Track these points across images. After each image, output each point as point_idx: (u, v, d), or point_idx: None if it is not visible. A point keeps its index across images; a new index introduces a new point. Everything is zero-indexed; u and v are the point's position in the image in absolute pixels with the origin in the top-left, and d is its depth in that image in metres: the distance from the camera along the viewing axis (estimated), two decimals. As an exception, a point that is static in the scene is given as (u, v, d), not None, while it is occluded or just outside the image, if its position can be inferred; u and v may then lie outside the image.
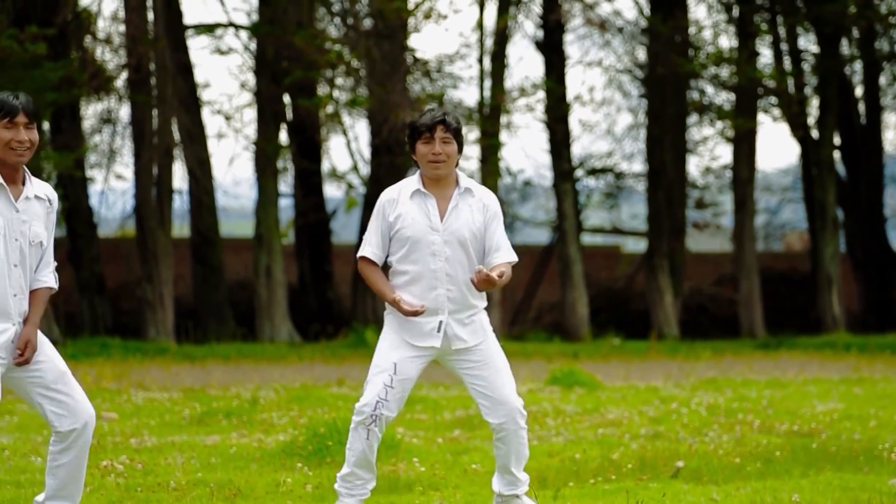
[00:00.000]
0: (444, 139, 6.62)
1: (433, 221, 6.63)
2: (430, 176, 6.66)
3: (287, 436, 9.68)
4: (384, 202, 6.68)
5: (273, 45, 23.42)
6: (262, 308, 24.01)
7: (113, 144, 26.18)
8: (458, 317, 6.64)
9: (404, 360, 6.61)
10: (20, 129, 6.01)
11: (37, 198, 6.13)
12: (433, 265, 6.60)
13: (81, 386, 6.17)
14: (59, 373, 6.08)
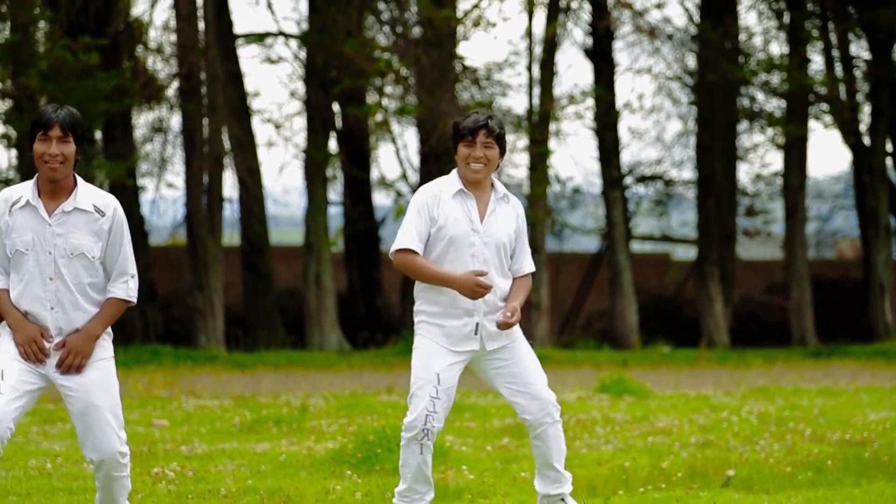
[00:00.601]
0: (486, 143, 6.64)
1: (474, 222, 6.64)
2: (469, 178, 6.67)
3: (336, 443, 9.70)
4: (426, 198, 6.66)
5: (322, 53, 23.50)
6: (312, 316, 24.08)
7: (164, 153, 26.35)
8: (491, 318, 6.65)
9: (445, 368, 6.61)
10: (53, 142, 5.98)
11: (79, 210, 6.08)
12: (472, 266, 6.61)
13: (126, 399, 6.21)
14: (89, 406, 6.03)
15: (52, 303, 6.01)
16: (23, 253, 6.00)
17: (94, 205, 6.11)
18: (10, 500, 7.60)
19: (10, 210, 6.02)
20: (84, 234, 6.08)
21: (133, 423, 11.77)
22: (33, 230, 6.01)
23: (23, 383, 5.98)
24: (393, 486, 7.88)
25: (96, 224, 6.10)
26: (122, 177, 22.26)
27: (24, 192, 6.07)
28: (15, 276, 6.04)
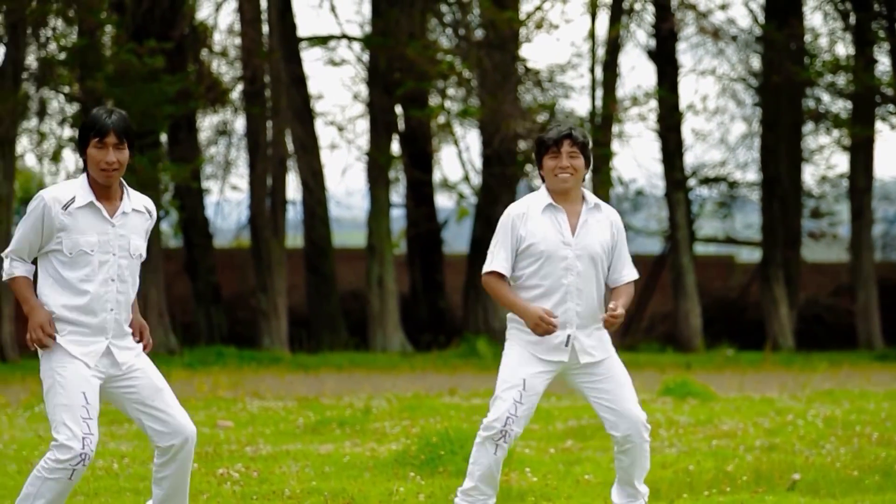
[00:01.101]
0: (571, 153, 6.62)
1: (565, 236, 6.63)
2: (557, 190, 6.66)
3: (400, 445, 9.72)
4: (513, 217, 6.67)
5: (385, 56, 23.56)
6: (375, 318, 24.14)
7: (228, 156, 26.53)
8: (586, 331, 6.65)
9: (532, 375, 6.61)
10: (109, 150, 5.99)
11: (135, 211, 6.14)
12: (565, 280, 6.61)
13: (183, 396, 6.26)
14: (155, 389, 6.09)
15: (112, 303, 6.06)
16: (87, 253, 6.03)
17: (144, 206, 6.21)
18: (77, 499, 7.67)
19: (65, 209, 6.03)
20: (139, 236, 6.16)
21: (198, 423, 11.82)
22: (98, 231, 6.05)
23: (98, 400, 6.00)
24: (456, 488, 7.89)
25: (146, 224, 6.20)
26: (187, 179, 22.43)
27: (76, 192, 6.05)
28: (71, 276, 6.03)
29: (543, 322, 6.52)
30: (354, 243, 28.58)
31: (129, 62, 20.00)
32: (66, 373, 5.96)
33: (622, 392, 6.67)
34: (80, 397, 5.92)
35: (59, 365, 5.97)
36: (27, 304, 6.03)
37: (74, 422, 5.88)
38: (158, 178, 21.50)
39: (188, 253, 24.39)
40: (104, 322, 6.04)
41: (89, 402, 5.93)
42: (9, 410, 12.93)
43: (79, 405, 5.91)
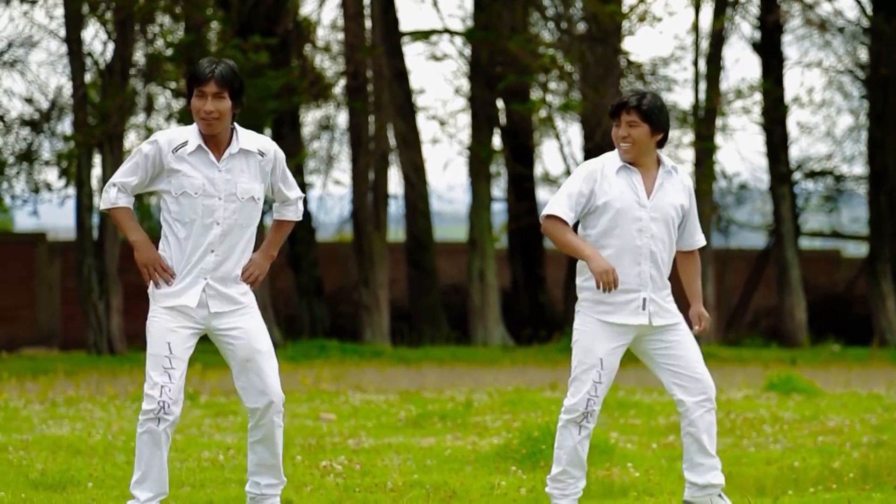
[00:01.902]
0: (630, 122, 6.59)
1: (640, 197, 6.59)
2: (622, 157, 6.64)
3: (501, 439, 9.72)
4: (590, 170, 6.61)
5: (487, 50, 23.56)
6: (476, 312, 24.17)
7: (331, 150, 26.71)
8: (659, 294, 6.62)
9: (609, 353, 6.60)
10: (208, 98, 6.07)
11: (243, 151, 6.20)
12: (639, 241, 6.57)
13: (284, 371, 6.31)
14: (253, 351, 6.19)
15: (214, 246, 6.14)
16: (191, 196, 6.12)
17: (257, 147, 6.25)
18: (184, 490, 7.78)
19: (174, 152, 6.13)
20: (250, 178, 6.21)
21: (301, 416, 11.96)
22: (204, 175, 6.13)
23: (186, 350, 6.15)
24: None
25: (259, 165, 6.24)
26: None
27: (188, 137, 6.16)
28: (177, 221, 6.15)
29: (609, 274, 6.42)
30: (455, 237, 28.63)
31: (234, 58, 20.18)
32: (155, 322, 6.14)
33: (694, 356, 6.65)
34: (164, 347, 6.08)
35: (155, 314, 6.15)
36: (132, 235, 6.14)
37: (156, 370, 6.06)
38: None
39: (291, 247, 24.60)
40: (201, 262, 6.13)
41: (173, 353, 6.07)
42: (117, 402, 13.14)
43: (162, 355, 6.07)
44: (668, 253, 6.64)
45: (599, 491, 7.69)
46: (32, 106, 23.36)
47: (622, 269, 6.54)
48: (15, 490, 7.56)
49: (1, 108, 23.35)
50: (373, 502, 7.40)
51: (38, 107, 23.36)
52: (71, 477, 7.95)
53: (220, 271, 6.17)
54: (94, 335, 20.78)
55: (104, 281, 20.75)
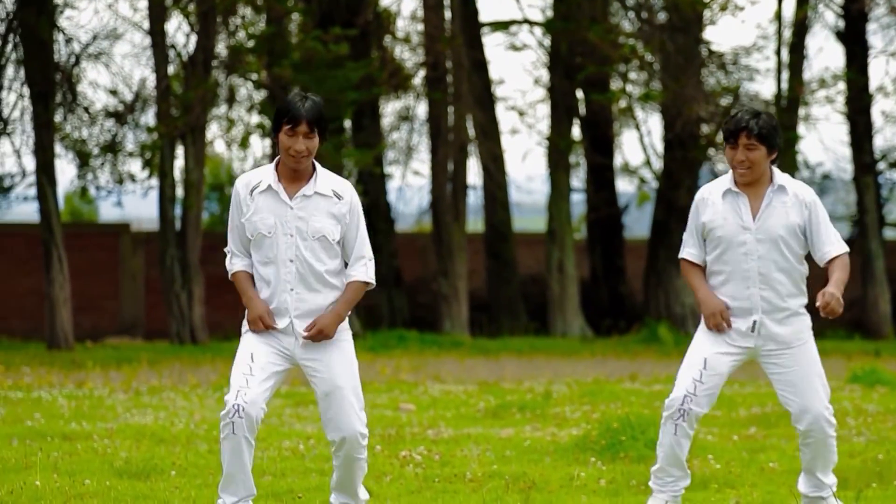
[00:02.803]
0: (748, 146, 6.52)
1: (745, 220, 6.56)
2: (738, 180, 6.60)
3: (580, 430, 9.71)
4: (697, 202, 6.68)
5: (567, 40, 23.49)
6: (555, 303, 24.13)
7: (410, 141, 26.75)
8: (774, 317, 6.55)
9: (715, 355, 6.55)
10: (300, 138, 6.10)
11: (319, 194, 6.20)
12: (745, 265, 6.55)
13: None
14: (334, 387, 6.19)
15: (292, 284, 6.17)
16: (264, 236, 6.18)
17: (332, 189, 6.24)
18: (265, 479, 7.85)
19: (251, 194, 6.20)
20: (324, 217, 6.20)
21: (381, 406, 12.01)
22: (275, 213, 6.17)
23: (270, 364, 6.18)
24: (637, 474, 7.86)
25: (335, 208, 6.23)
26: (370, 165, 22.70)
27: (265, 177, 6.23)
28: (256, 257, 6.23)
29: (717, 317, 6.53)
30: (534, 228, 28.57)
31: (315, 49, 20.31)
32: (246, 338, 6.23)
33: (807, 385, 6.55)
34: (247, 357, 6.16)
35: (245, 332, 6.25)
36: (245, 297, 6.24)
37: (235, 377, 6.13)
38: (342, 163, 21.80)
39: (371, 238, 24.64)
40: (284, 303, 6.17)
41: (254, 362, 6.14)
42: (199, 391, 13.28)
43: (244, 363, 6.14)
44: (786, 272, 6.55)
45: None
46: (116, 98, 23.63)
47: (733, 293, 6.56)
48: (100, 478, 7.66)
49: (86, 100, 23.65)
50: (452, 492, 7.42)
51: (122, 98, 23.63)
52: (154, 465, 8.05)
53: (301, 309, 6.21)
54: (177, 325, 21.00)
55: (187, 271, 20.95)
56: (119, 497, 7.08)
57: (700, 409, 6.53)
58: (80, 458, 8.40)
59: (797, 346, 6.58)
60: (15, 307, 24.08)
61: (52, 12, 21.62)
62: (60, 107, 22.98)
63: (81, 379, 14.72)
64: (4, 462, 8.16)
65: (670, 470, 6.62)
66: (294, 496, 7.22)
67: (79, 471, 7.91)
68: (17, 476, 7.66)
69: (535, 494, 7.33)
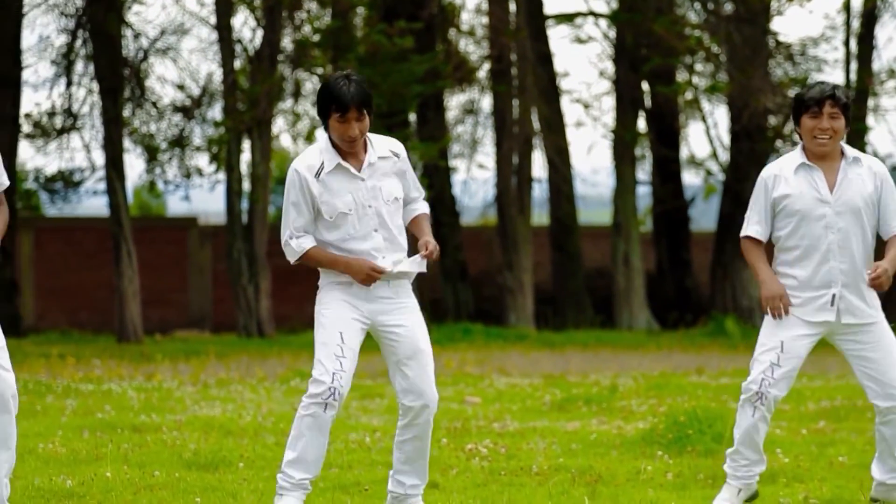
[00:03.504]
0: (832, 114, 6.48)
1: (822, 193, 6.49)
2: (816, 152, 6.52)
3: (647, 423, 9.68)
4: (766, 178, 6.58)
5: (632, 32, 23.39)
6: (620, 295, 24.06)
7: (475, 134, 26.77)
8: (852, 290, 6.49)
9: (792, 338, 6.50)
10: (351, 123, 6.11)
11: (381, 158, 6.26)
12: (824, 238, 6.48)
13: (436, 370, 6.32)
14: (416, 350, 6.22)
15: (382, 252, 6.22)
16: (345, 214, 6.19)
17: (390, 150, 6.31)
18: (332, 472, 7.89)
19: (317, 177, 6.19)
20: (392, 180, 6.27)
21: (446, 399, 12.03)
22: (350, 190, 6.19)
23: (356, 343, 6.21)
24: (704, 468, 7.83)
25: (396, 167, 6.30)
26: (435, 158, 22.73)
27: (327, 157, 6.20)
28: (334, 237, 6.21)
29: (776, 301, 6.46)
30: (600, 221, 28.50)
31: (380, 43, 20.36)
32: (328, 313, 6.19)
33: (887, 362, 6.48)
34: (336, 336, 6.14)
35: (325, 305, 6.22)
36: (333, 262, 6.17)
37: (328, 358, 6.10)
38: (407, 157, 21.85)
39: (436, 231, 24.68)
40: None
41: (345, 342, 6.14)
42: (266, 384, 13.37)
43: (334, 343, 6.13)
44: (863, 245, 6.51)
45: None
46: (184, 92, 23.83)
47: (811, 269, 6.48)
48: (169, 469, 7.74)
49: (154, 95, 23.88)
50: (518, 485, 7.43)
51: (189, 93, 23.83)
52: (223, 457, 8.11)
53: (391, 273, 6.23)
54: (244, 318, 21.15)
55: (254, 265, 21.09)
56: (188, 488, 7.14)
57: (778, 392, 6.50)
58: (150, 450, 8.49)
59: (875, 320, 6.52)
60: (85, 300, 24.37)
61: (121, 8, 21.83)
62: (129, 102, 23.21)
63: (150, 371, 14.87)
64: (76, 453, 8.27)
65: (746, 452, 6.59)
66: (360, 488, 7.25)
67: (148, 462, 7.99)
68: (88, 467, 7.76)
69: (601, 488, 7.32)
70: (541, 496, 7.04)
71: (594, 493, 7.10)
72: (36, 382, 12.91)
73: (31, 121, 23.49)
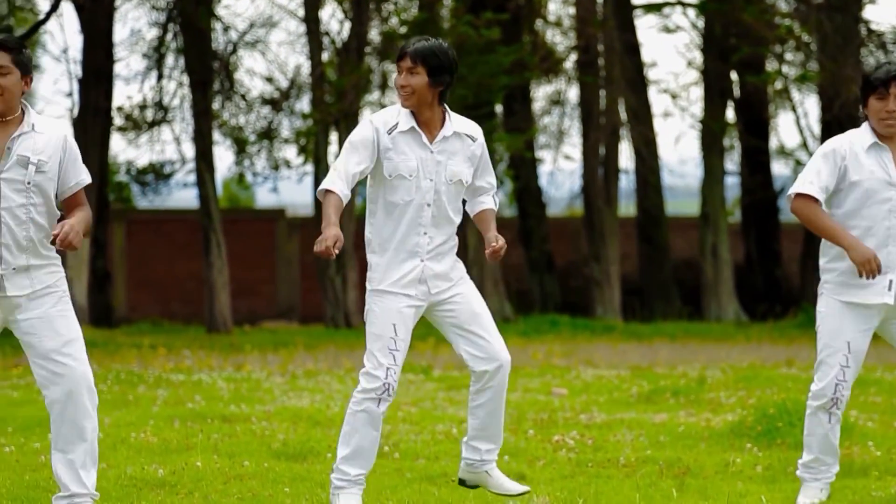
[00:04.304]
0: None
1: (892, 176, 6.38)
2: (883, 132, 6.42)
3: (735, 416, 9.61)
4: (834, 147, 6.40)
5: (721, 21, 23.20)
6: (709, 287, 23.89)
7: (561, 125, 26.71)
8: None
9: (856, 335, 6.42)
10: (403, 73, 6.07)
11: (456, 135, 6.19)
12: (888, 222, 6.37)
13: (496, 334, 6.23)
14: (474, 314, 6.19)
15: (426, 228, 6.17)
16: (405, 178, 6.15)
17: (466, 131, 6.23)
18: (419, 463, 7.92)
19: (389, 133, 6.13)
20: (461, 161, 6.20)
21: (533, 391, 12.02)
22: (417, 156, 6.15)
23: (408, 335, 6.18)
24: (794, 461, 7.75)
25: (469, 150, 6.23)
26: (521, 149, 22.70)
27: (402, 119, 6.15)
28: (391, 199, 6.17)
29: (872, 263, 6.22)
30: (687, 212, 28.31)
31: (467, 34, 20.37)
32: (381, 303, 6.17)
33: None
34: (389, 329, 6.12)
35: (377, 296, 6.19)
36: (326, 220, 6.02)
37: (381, 352, 6.10)
38: (493, 148, 21.84)
39: (522, 222, 24.70)
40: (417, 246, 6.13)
41: (398, 335, 6.12)
42: (353, 374, 13.43)
43: (388, 336, 6.11)
44: None
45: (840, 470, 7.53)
46: (272, 85, 24.02)
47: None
48: (258, 459, 7.81)
49: (243, 88, 24.09)
50: (605, 478, 7.40)
51: (277, 86, 24.00)
52: (311, 447, 8.17)
53: (433, 251, 6.21)
54: (332, 309, 21.28)
55: (341, 256, 21.21)
56: (276, 478, 7.20)
57: (849, 392, 6.44)
58: (239, 440, 8.57)
59: None
60: (176, 291, 24.66)
61: (211, 1, 22.04)
62: (218, 94, 23.44)
63: (240, 362, 15.01)
64: (167, 443, 8.37)
65: (825, 459, 6.52)
66: (447, 479, 7.27)
67: (238, 452, 8.07)
68: (178, 457, 7.85)
69: (689, 480, 7.28)
70: (628, 488, 7.01)
71: (682, 486, 7.07)
72: (128, 372, 13.09)
73: (123, 114, 23.81)
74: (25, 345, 5.83)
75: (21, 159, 5.70)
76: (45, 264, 5.82)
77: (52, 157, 5.76)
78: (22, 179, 5.70)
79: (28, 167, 5.70)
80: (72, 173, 5.85)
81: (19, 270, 5.75)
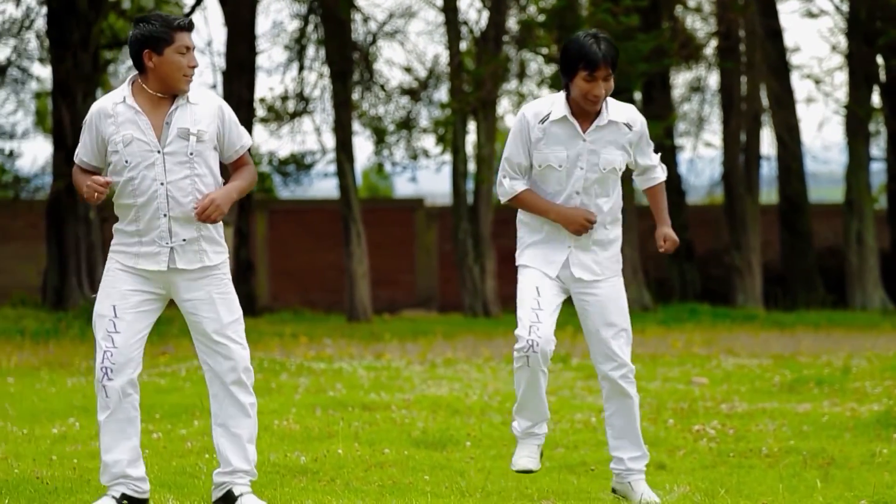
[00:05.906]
0: None
1: None
2: None
3: (881, 406, 9.44)
4: None
5: (866, 4, 22.74)
6: (853, 275, 23.46)
7: (701, 112, 26.42)
8: None
9: None
10: (599, 83, 6.01)
11: (612, 123, 6.14)
12: None
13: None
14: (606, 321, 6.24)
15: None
16: (554, 168, 6.16)
17: (624, 119, 6.18)
18: (558, 452, 7.91)
19: (541, 123, 6.13)
20: (614, 150, 6.16)
21: (672, 380, 11.94)
22: (567, 147, 6.13)
23: (554, 297, 6.21)
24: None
25: (625, 138, 6.19)
26: (661, 137, 22.49)
27: (554, 108, 6.14)
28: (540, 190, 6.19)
29: None
30: (831, 199, 27.82)
31: (606, 21, 20.25)
32: (526, 273, 6.24)
33: None
34: (532, 291, 6.18)
35: (521, 270, 6.27)
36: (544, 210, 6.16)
37: (524, 313, 6.17)
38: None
39: (662, 210, 24.48)
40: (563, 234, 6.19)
41: (541, 296, 6.17)
42: (492, 363, 13.47)
43: (530, 298, 6.17)
44: None
45: None
46: (411, 75, 24.14)
47: None
48: (398, 447, 7.88)
49: (382, 78, 24.26)
50: (747, 468, 7.33)
51: (416, 76, 24.13)
52: (450, 436, 8.21)
53: (580, 241, 6.20)
54: (470, 298, 21.35)
55: (479, 245, 21.26)
56: (416, 466, 7.26)
57: None
58: (380, 428, 8.65)
59: None
60: (317, 280, 24.96)
61: (351, -7, 22.24)
62: (358, 85, 23.64)
63: (379, 350, 15.14)
64: (309, 431, 8.48)
65: None
66: (587, 468, 7.26)
67: (378, 440, 8.14)
68: (320, 444, 7.95)
69: (834, 471, 7.17)
70: (771, 478, 6.93)
71: (827, 476, 6.96)
72: (271, 361, 13.29)
73: (265, 105, 24.15)
74: (188, 322, 5.98)
75: (181, 131, 5.81)
76: (215, 237, 5.92)
77: (210, 126, 5.87)
78: (184, 151, 5.81)
79: (189, 138, 5.81)
80: (234, 137, 5.96)
81: (190, 242, 5.85)
